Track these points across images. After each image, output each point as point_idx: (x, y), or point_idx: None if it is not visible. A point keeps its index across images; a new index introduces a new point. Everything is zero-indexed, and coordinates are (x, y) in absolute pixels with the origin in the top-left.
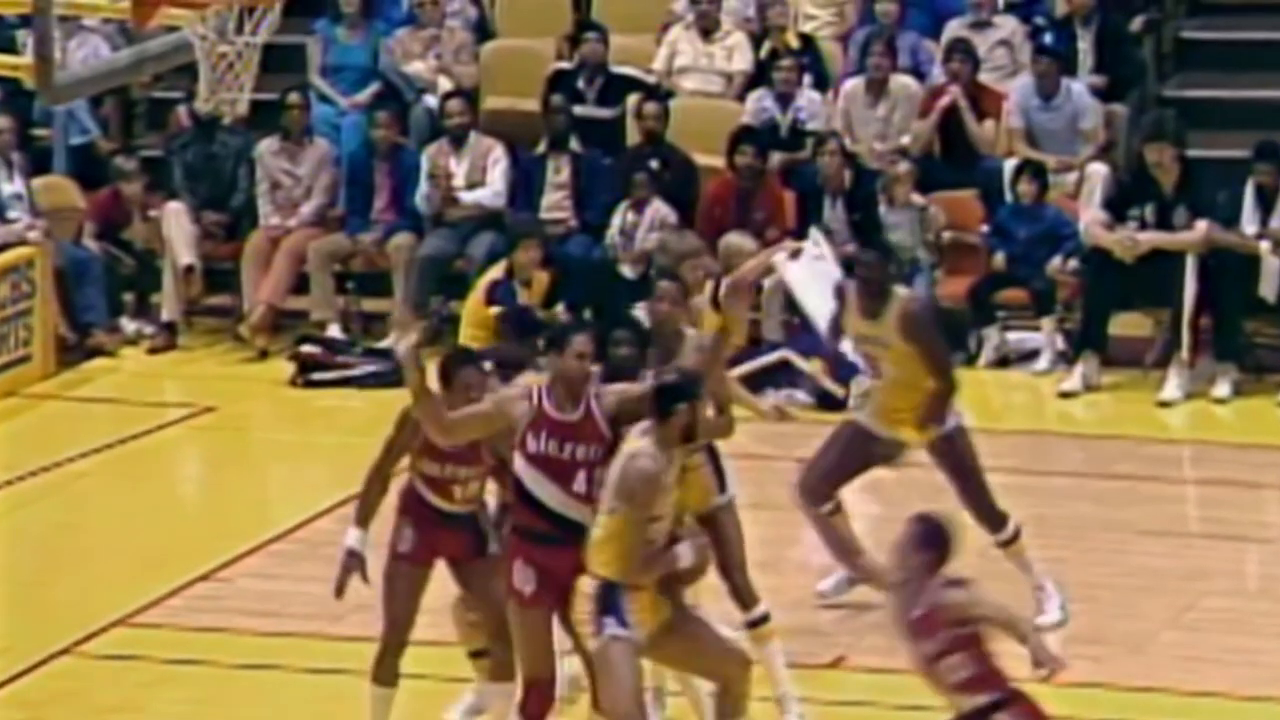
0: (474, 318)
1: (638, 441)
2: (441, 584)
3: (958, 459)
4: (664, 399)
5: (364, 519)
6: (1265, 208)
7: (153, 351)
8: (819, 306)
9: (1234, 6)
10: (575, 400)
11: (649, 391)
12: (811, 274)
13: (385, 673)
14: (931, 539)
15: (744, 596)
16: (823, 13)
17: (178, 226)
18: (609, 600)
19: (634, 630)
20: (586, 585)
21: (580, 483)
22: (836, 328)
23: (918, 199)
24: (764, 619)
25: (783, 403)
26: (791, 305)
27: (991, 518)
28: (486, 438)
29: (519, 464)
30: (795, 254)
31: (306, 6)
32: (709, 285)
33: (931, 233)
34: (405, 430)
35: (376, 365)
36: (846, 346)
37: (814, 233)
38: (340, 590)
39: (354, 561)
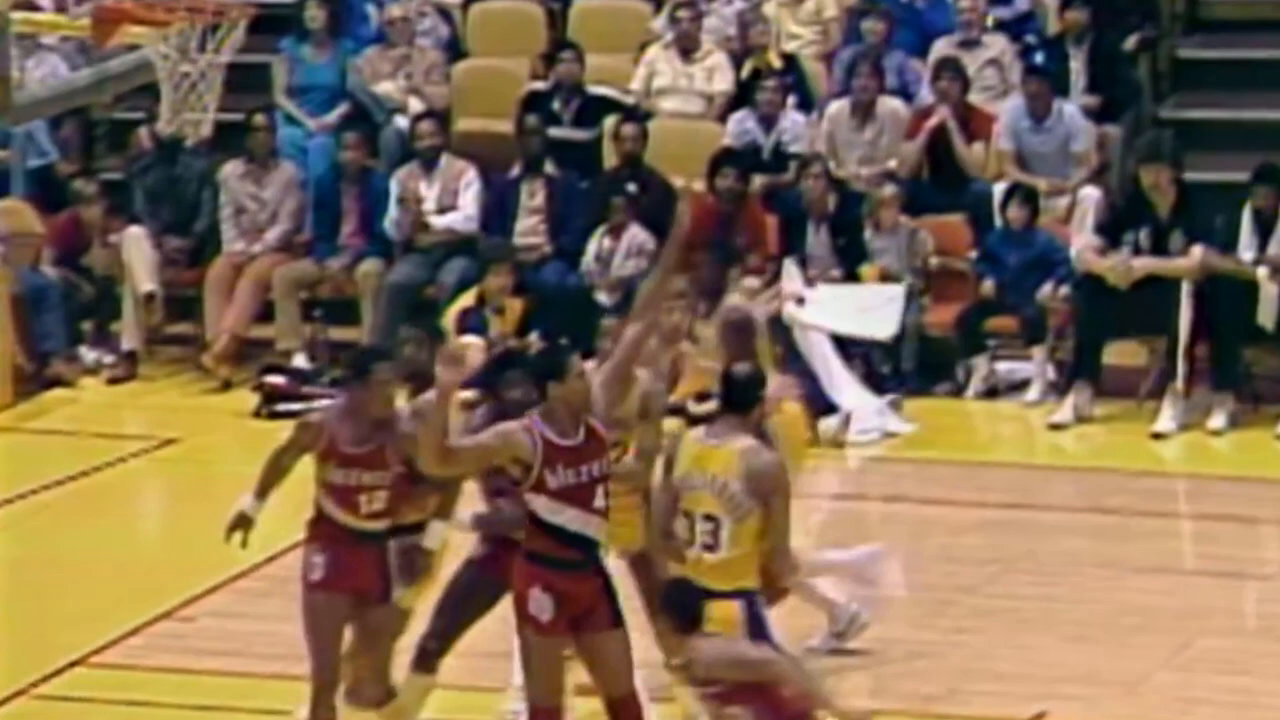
0: None
1: (741, 441)
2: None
3: None
4: (745, 392)
5: (262, 492)
6: (1263, 233)
7: (113, 382)
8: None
9: (1233, 24)
10: (576, 422)
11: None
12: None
13: (324, 717)
14: (667, 602)
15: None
16: (806, 31)
17: (138, 252)
18: (760, 618)
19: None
20: (721, 614)
21: (599, 498)
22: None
23: (906, 222)
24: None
25: None
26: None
27: None
28: (397, 444)
29: (538, 502)
30: (800, 300)
31: (272, 24)
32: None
33: (919, 258)
34: (307, 432)
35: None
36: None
37: (788, 264)
38: (229, 537)
39: (242, 521)
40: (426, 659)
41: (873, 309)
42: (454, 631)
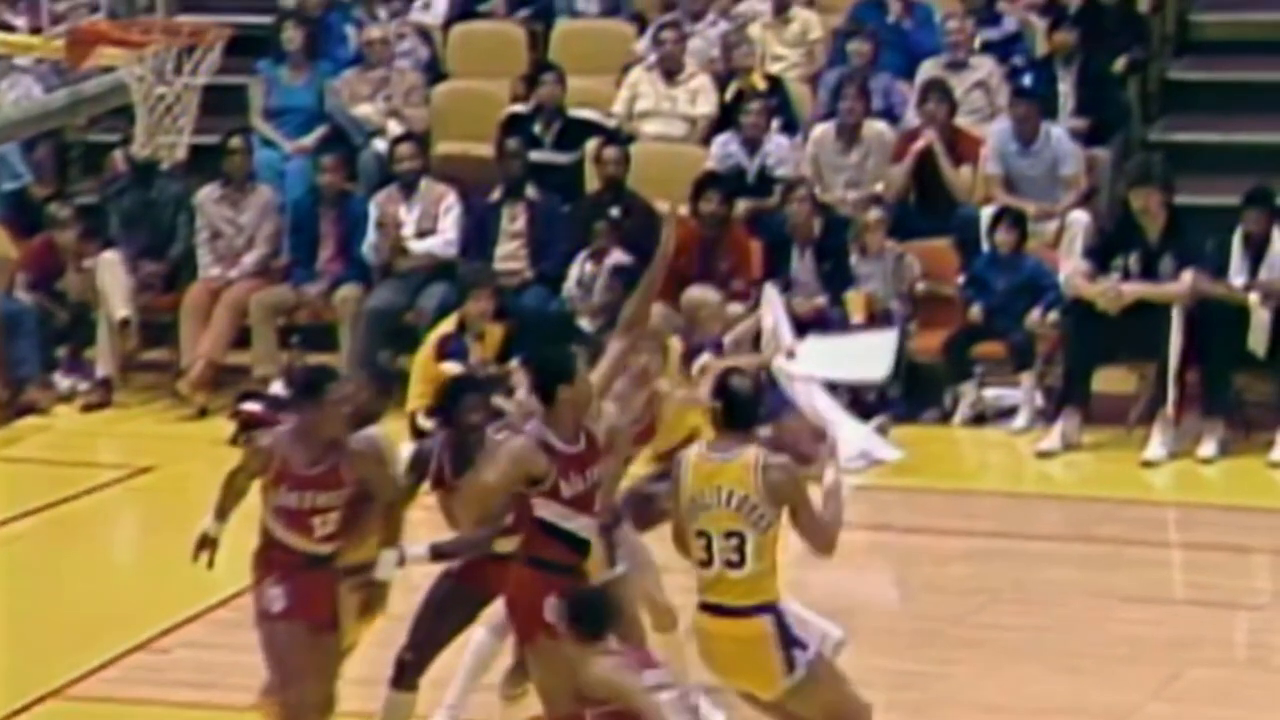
0: (424, 374)
1: (749, 453)
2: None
3: None
4: (746, 409)
5: (221, 513)
6: (1255, 257)
7: (87, 409)
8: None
9: (1223, 45)
10: (578, 428)
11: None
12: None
13: None
14: (575, 612)
15: None
16: (791, 53)
17: (113, 278)
18: (788, 628)
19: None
20: (749, 633)
21: (598, 503)
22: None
23: (892, 247)
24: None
25: None
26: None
27: None
28: (349, 463)
29: (550, 509)
30: (791, 354)
31: (248, 46)
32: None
33: (906, 283)
34: (258, 457)
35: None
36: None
37: (769, 289)
38: (195, 558)
39: (206, 542)
40: (405, 675)
41: (865, 352)
42: (431, 645)
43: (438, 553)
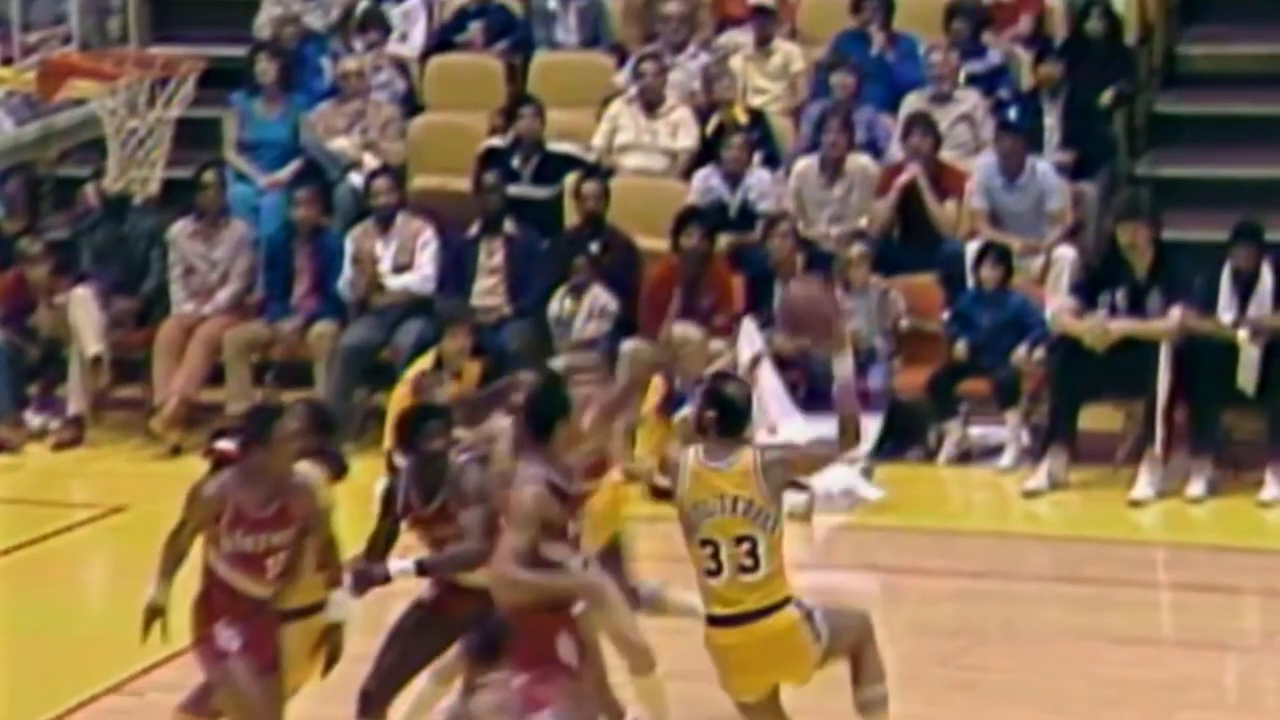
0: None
1: (746, 456)
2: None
3: None
4: (739, 414)
5: (165, 577)
6: (1243, 293)
7: (58, 447)
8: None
9: (1211, 78)
10: (569, 466)
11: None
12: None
13: None
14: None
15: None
16: (773, 86)
17: (85, 314)
18: (812, 615)
19: None
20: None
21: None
22: None
23: (877, 283)
24: None
25: None
26: None
27: None
28: (298, 499)
29: (558, 550)
30: (756, 361)
31: (222, 78)
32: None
33: (890, 319)
34: (207, 506)
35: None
36: None
37: (747, 324)
38: (145, 633)
39: (155, 612)
40: (370, 707)
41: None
42: (397, 677)
43: (423, 568)
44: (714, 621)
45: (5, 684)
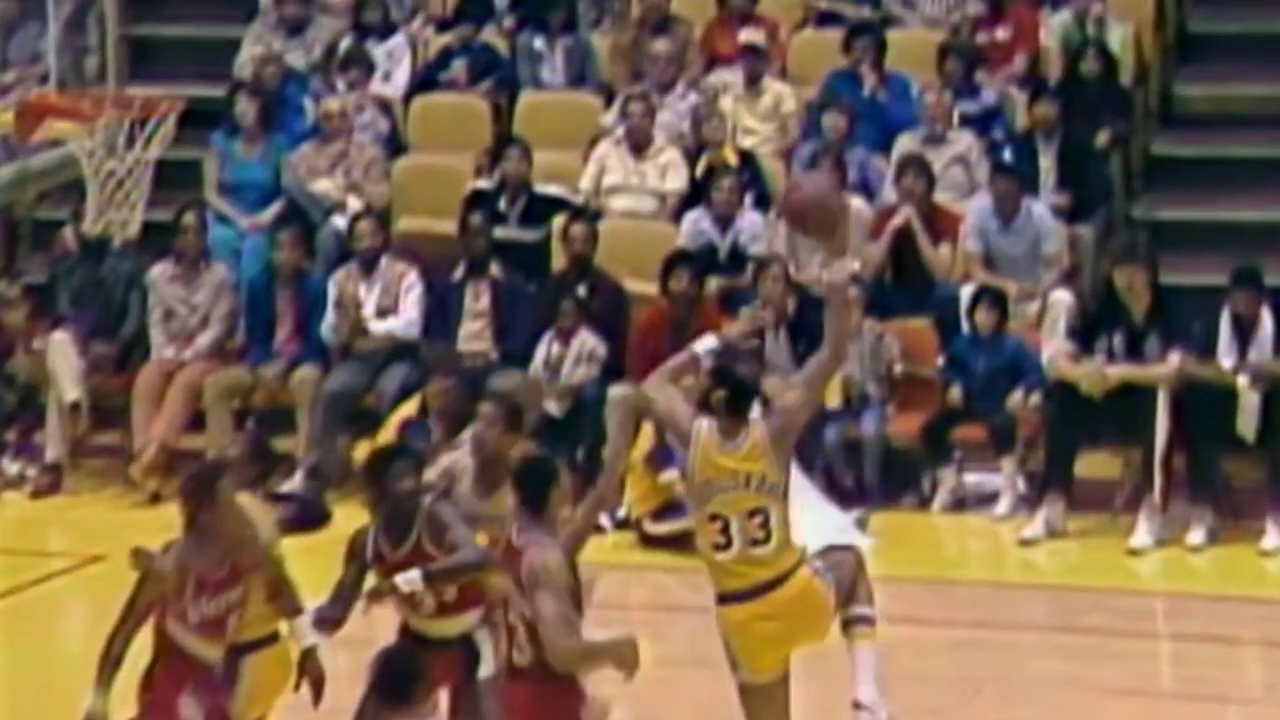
0: None
1: (755, 432)
2: None
3: None
4: (746, 396)
5: (106, 684)
6: (1243, 338)
7: (36, 495)
8: None
9: (1208, 119)
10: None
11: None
12: None
13: None
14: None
15: None
16: (764, 127)
17: (63, 359)
18: (823, 570)
19: None
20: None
21: None
22: None
23: (871, 327)
24: None
25: None
26: None
27: None
28: (248, 549)
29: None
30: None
31: (202, 119)
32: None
33: (884, 364)
34: (166, 581)
35: (280, 511)
36: None
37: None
38: None
39: None
40: None
41: (841, 523)
42: None
43: (430, 576)
44: (728, 598)
45: None
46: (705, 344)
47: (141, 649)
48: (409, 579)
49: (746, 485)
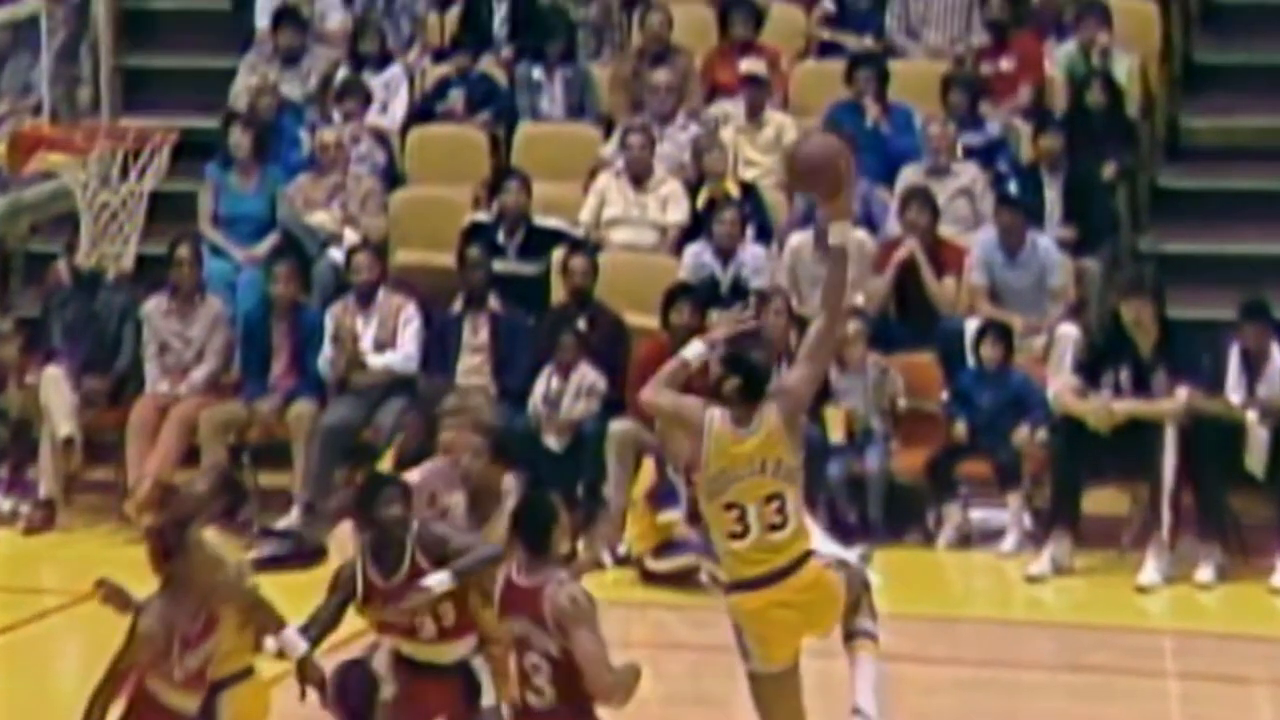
0: None
1: (769, 419)
2: None
3: None
4: (760, 381)
5: None
6: (1252, 373)
7: (29, 531)
8: None
9: (1215, 152)
10: None
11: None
12: None
13: None
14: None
15: None
16: (765, 159)
17: (57, 394)
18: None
19: None
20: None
21: None
22: None
23: (876, 361)
24: None
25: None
26: None
27: None
28: (219, 596)
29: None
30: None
31: (196, 150)
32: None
33: (888, 399)
34: (148, 647)
35: (275, 547)
36: None
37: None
38: None
39: None
40: None
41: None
42: None
43: (460, 573)
44: (742, 586)
45: None
46: (693, 350)
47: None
48: (441, 580)
49: (763, 471)
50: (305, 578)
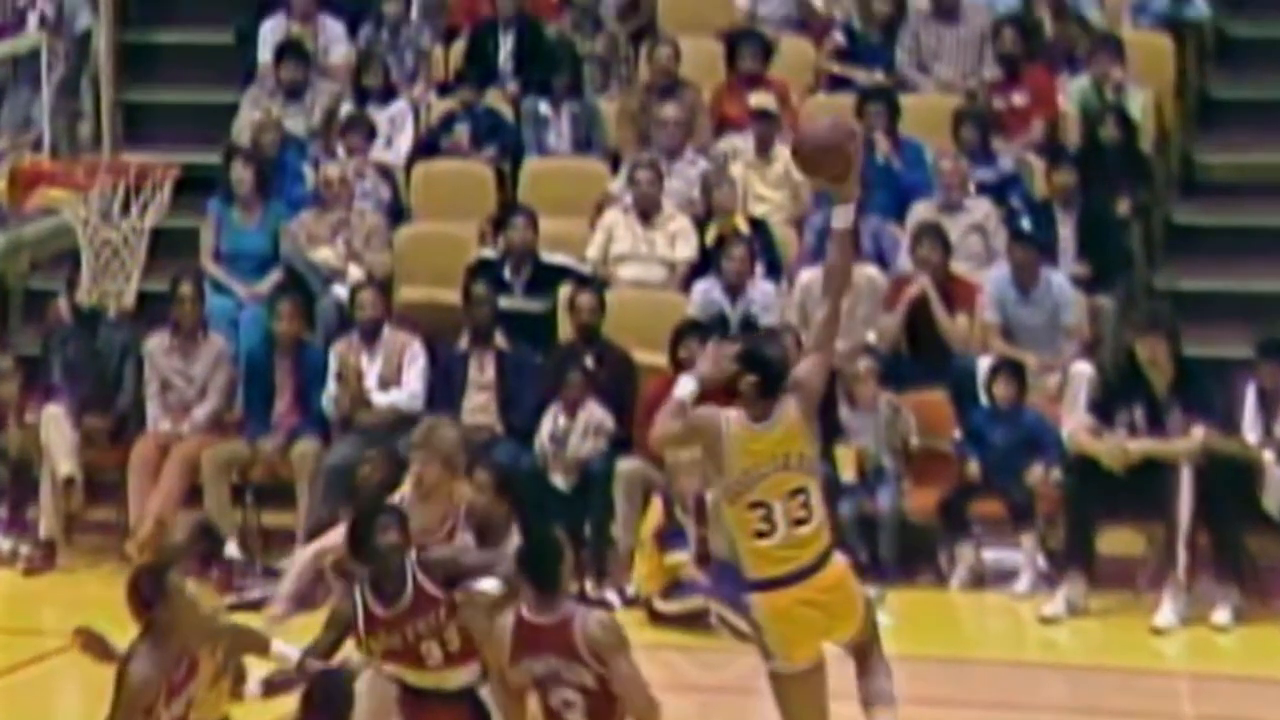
0: None
1: (789, 412)
2: None
3: None
4: (778, 375)
5: None
6: (1269, 412)
7: (29, 572)
8: None
9: (1231, 188)
10: None
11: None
12: None
13: None
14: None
15: None
16: (775, 194)
17: (58, 433)
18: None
19: None
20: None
21: None
22: None
23: (889, 399)
24: None
25: None
26: None
27: None
28: (197, 643)
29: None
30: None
31: (198, 186)
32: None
33: (900, 438)
34: (134, 695)
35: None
36: None
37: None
38: None
39: None
40: None
41: None
42: None
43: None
44: (769, 585)
45: None
46: (685, 388)
47: None
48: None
49: (786, 465)
50: (307, 619)
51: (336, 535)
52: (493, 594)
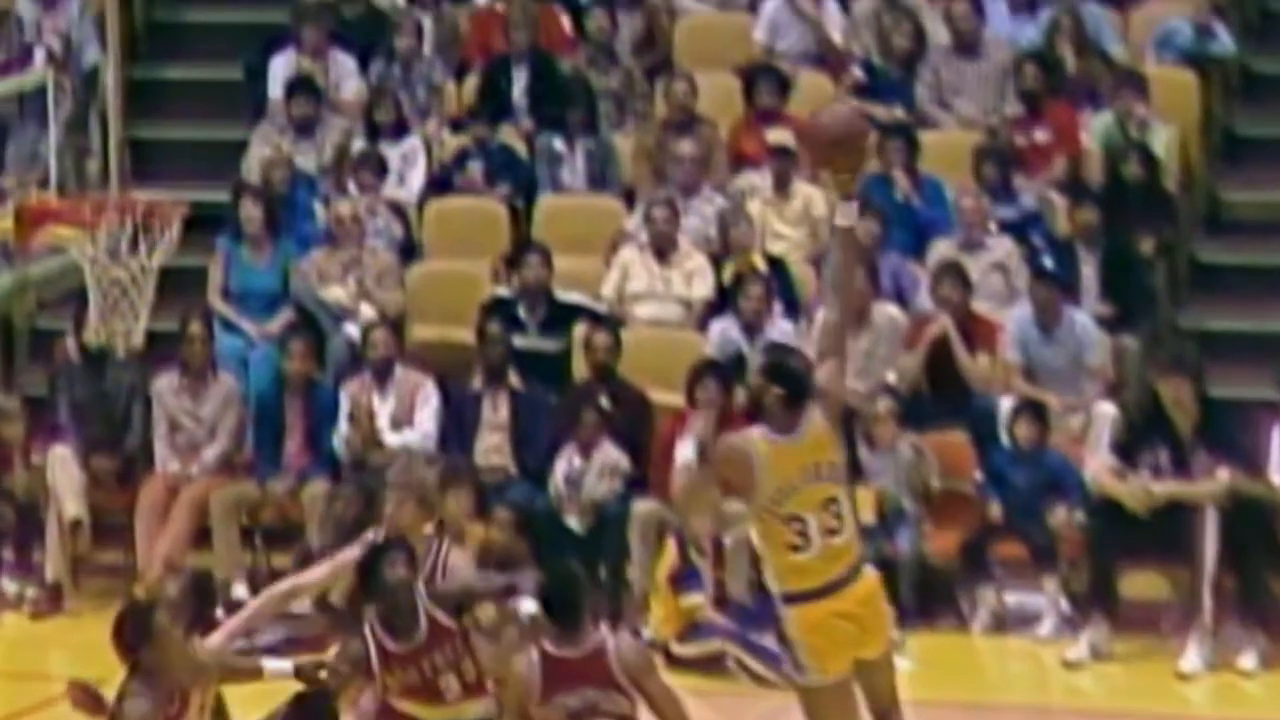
0: None
1: (816, 421)
2: None
3: None
4: (803, 383)
5: None
6: None
7: (36, 615)
8: None
9: (1257, 226)
10: None
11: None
12: None
13: None
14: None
15: None
16: (793, 232)
17: (65, 475)
18: None
19: None
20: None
21: None
22: None
23: (911, 440)
24: None
25: None
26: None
27: None
28: (186, 680)
29: None
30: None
31: (207, 224)
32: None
33: (921, 479)
34: None
35: (289, 631)
36: None
37: (684, 450)
38: None
39: None
40: None
41: None
42: None
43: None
44: (803, 598)
45: None
46: (686, 453)
47: None
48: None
49: (818, 475)
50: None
51: (311, 574)
52: (530, 615)
